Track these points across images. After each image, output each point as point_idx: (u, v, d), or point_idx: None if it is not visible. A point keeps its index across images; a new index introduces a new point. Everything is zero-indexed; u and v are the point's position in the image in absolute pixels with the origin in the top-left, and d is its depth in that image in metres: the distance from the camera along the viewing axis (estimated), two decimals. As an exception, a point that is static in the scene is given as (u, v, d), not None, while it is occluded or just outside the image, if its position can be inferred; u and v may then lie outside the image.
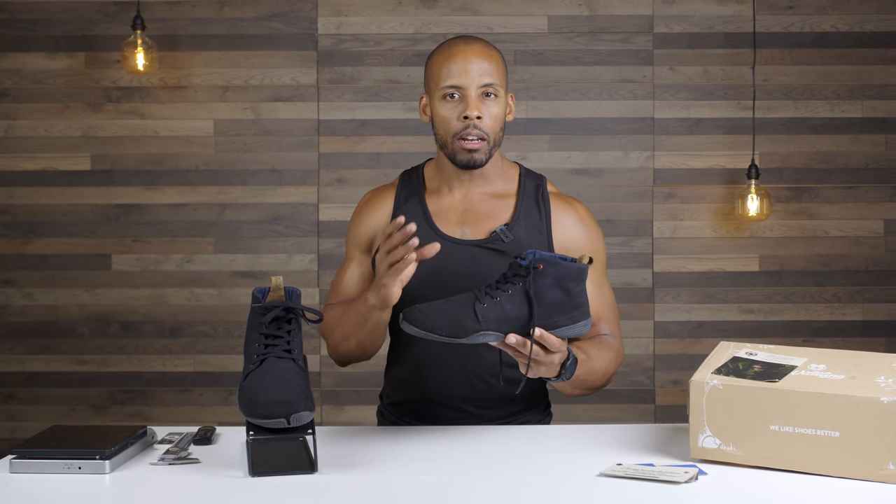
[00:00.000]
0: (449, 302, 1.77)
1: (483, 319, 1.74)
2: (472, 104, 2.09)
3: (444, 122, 2.12)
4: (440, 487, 1.62)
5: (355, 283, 2.23)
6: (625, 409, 4.00)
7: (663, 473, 1.63)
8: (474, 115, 2.08)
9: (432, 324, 1.74)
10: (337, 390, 3.97)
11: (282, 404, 1.65)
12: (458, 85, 2.10)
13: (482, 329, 1.74)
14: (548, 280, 1.76)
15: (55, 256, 3.98)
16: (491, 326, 1.75)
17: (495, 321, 1.75)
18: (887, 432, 1.58)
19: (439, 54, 2.16)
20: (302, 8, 3.96)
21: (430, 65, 2.17)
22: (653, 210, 3.99)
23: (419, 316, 1.75)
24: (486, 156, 2.13)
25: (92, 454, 1.69)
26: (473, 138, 2.09)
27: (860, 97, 3.97)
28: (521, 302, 1.76)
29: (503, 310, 1.75)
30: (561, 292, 1.77)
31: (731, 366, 1.74)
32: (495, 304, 1.75)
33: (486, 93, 2.10)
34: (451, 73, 2.10)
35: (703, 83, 3.98)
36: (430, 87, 2.16)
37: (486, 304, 1.75)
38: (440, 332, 1.74)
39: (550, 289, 1.77)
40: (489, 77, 2.10)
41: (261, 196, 3.97)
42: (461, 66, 2.10)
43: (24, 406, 3.99)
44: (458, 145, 2.11)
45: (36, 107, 3.97)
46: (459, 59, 2.11)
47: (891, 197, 3.99)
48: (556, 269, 1.77)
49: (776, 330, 3.99)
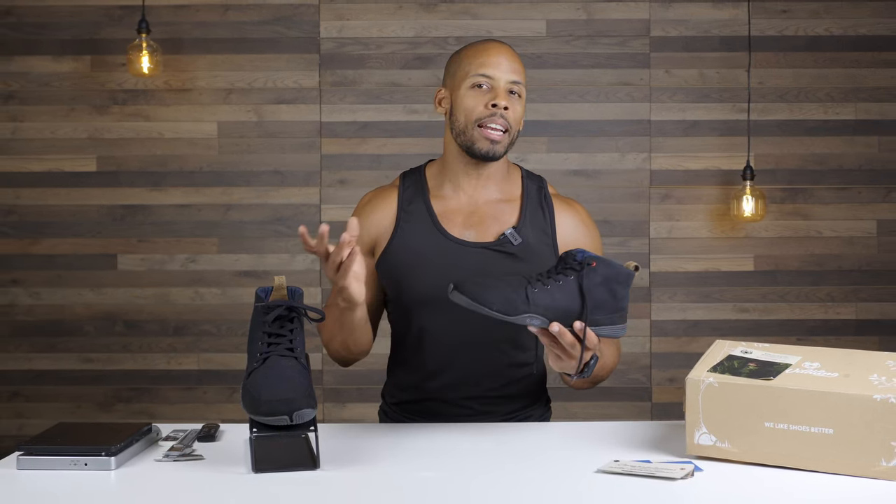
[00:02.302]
0: (501, 280, 1.79)
1: (533, 303, 1.76)
2: (501, 94, 2.11)
3: (469, 110, 2.13)
4: (441, 483, 1.63)
5: None
6: (622, 406, 4.01)
7: (660, 470, 1.63)
8: (503, 104, 2.10)
9: (485, 297, 1.75)
10: (339, 388, 3.99)
11: (284, 402, 1.65)
12: (490, 75, 2.12)
13: (531, 311, 1.76)
14: (597, 278, 1.79)
15: (61, 256, 3.99)
16: (539, 311, 1.77)
17: (544, 307, 1.77)
18: (880, 429, 1.58)
19: (472, 48, 2.19)
20: (304, 12, 3.98)
21: (459, 57, 2.20)
22: (649, 211, 4.01)
23: (473, 288, 1.76)
24: (505, 149, 2.15)
25: (98, 451, 1.69)
26: (498, 127, 2.11)
27: (853, 100, 3.99)
28: (571, 294, 1.78)
29: (553, 298, 1.77)
30: (607, 293, 1.79)
31: (727, 364, 1.74)
32: (546, 291, 1.77)
33: (512, 90, 2.14)
34: (484, 63, 2.13)
35: (698, 86, 4.00)
36: (457, 78, 2.17)
37: (537, 290, 1.77)
38: (492, 306, 1.75)
39: (598, 287, 1.79)
40: (518, 76, 2.14)
41: (264, 197, 3.99)
42: (495, 60, 2.13)
43: (31, 403, 4.00)
44: (478, 133, 2.12)
45: (42, 109, 3.98)
46: (494, 53, 2.15)
47: (883, 198, 4.00)
48: (606, 270, 1.79)
49: (771, 329, 4.00)
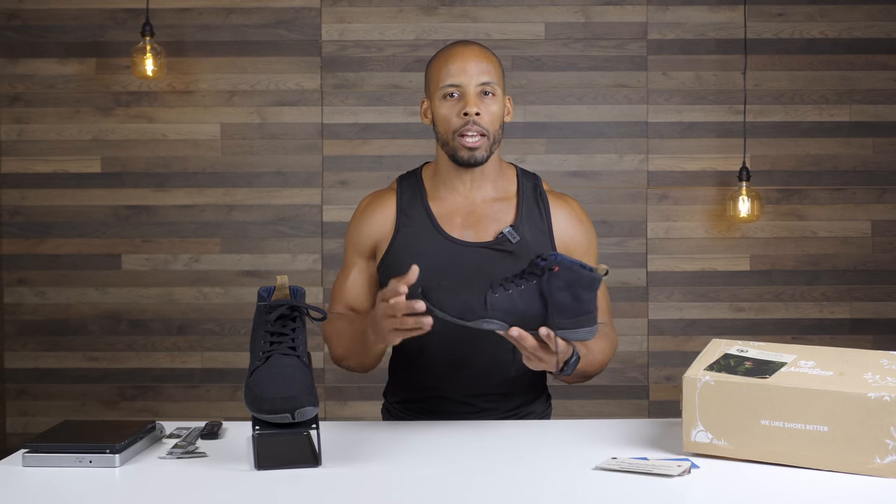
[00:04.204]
0: (465, 285, 1.81)
1: (491, 308, 1.77)
2: (471, 101, 2.12)
3: (445, 121, 2.16)
4: (441, 480, 1.63)
5: (358, 289, 2.24)
6: (619, 404, 4.03)
7: (657, 467, 1.64)
8: (473, 111, 2.12)
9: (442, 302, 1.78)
10: (340, 386, 4.00)
11: (287, 400, 1.65)
12: (457, 83, 2.13)
13: (488, 316, 1.78)
14: (560, 283, 1.78)
15: (67, 256, 4.01)
16: (497, 316, 1.78)
17: (502, 311, 1.78)
18: (874, 427, 1.58)
19: (439, 58, 2.20)
20: (306, 15, 4.00)
21: (430, 68, 2.22)
22: (647, 211, 4.03)
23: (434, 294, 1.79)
24: (487, 153, 2.16)
25: (102, 448, 1.70)
26: (473, 134, 2.13)
27: (848, 102, 4.01)
28: (531, 298, 1.79)
29: (513, 302, 1.78)
30: (570, 297, 1.79)
31: (723, 362, 1.74)
32: (507, 295, 1.79)
33: (485, 91, 2.14)
34: (450, 73, 2.14)
35: (695, 88, 4.02)
36: (431, 90, 2.20)
37: (497, 294, 1.78)
38: (449, 311, 1.77)
39: (561, 291, 1.79)
40: (487, 76, 2.14)
41: (266, 198, 4.01)
42: (460, 66, 2.14)
43: (36, 401, 4.02)
44: (458, 142, 2.14)
45: (48, 111, 4.00)
46: (458, 59, 2.15)
47: (878, 198, 4.02)
48: (570, 275, 1.79)
49: (766, 328, 4.02)
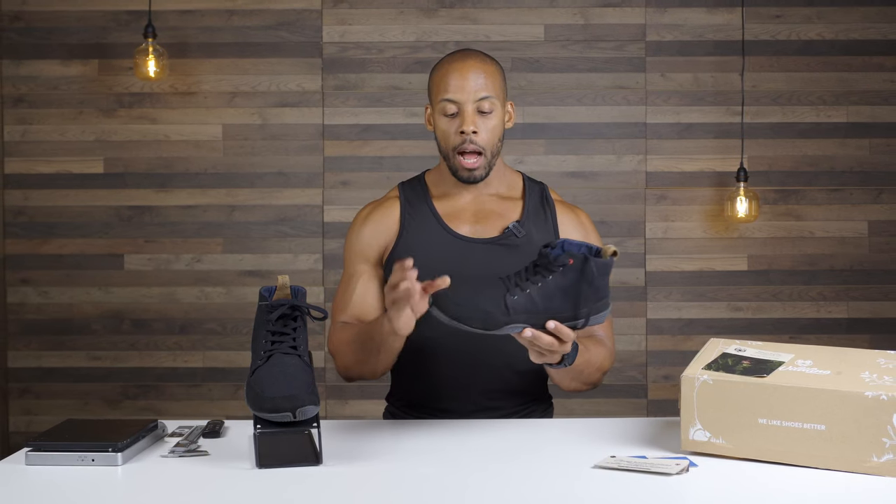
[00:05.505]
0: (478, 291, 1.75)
1: (513, 312, 1.74)
2: (467, 119, 2.13)
3: (444, 136, 2.18)
4: (441, 479, 1.64)
5: (371, 296, 2.21)
6: (618, 403, 4.04)
7: (655, 465, 1.64)
8: (470, 129, 2.13)
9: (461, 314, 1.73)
10: (341, 385, 4.02)
11: (288, 399, 1.66)
12: (455, 100, 2.14)
13: (512, 321, 1.74)
14: (576, 274, 1.76)
15: (70, 256, 4.02)
16: (521, 319, 1.75)
17: (525, 313, 1.75)
18: (871, 426, 1.59)
19: (438, 69, 2.21)
20: (307, 17, 4.01)
21: (431, 78, 2.22)
22: (645, 211, 4.04)
23: (452, 307, 1.74)
24: (486, 170, 2.18)
25: (105, 447, 1.70)
26: (471, 155, 2.15)
27: (845, 103, 4.03)
28: (550, 295, 1.76)
29: (532, 302, 1.75)
30: (588, 287, 1.77)
31: (721, 361, 1.75)
32: (525, 296, 1.75)
33: (482, 109, 2.15)
34: (448, 88, 2.14)
35: (693, 89, 4.04)
36: (432, 100, 2.22)
37: (516, 297, 1.75)
38: (473, 324, 1.74)
39: (580, 283, 1.76)
40: (485, 91, 2.14)
41: (268, 198, 4.02)
42: (458, 83, 2.14)
43: (39, 400, 4.03)
44: (458, 161, 2.16)
45: (51, 112, 4.01)
46: (456, 74, 2.15)
47: (874, 199, 4.04)
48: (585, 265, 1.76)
49: (764, 327, 4.03)
